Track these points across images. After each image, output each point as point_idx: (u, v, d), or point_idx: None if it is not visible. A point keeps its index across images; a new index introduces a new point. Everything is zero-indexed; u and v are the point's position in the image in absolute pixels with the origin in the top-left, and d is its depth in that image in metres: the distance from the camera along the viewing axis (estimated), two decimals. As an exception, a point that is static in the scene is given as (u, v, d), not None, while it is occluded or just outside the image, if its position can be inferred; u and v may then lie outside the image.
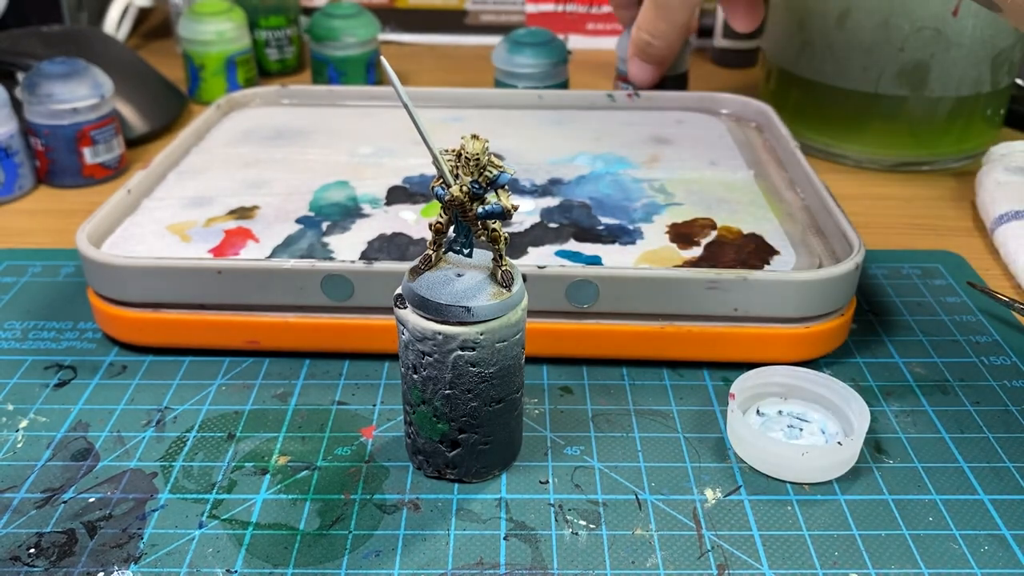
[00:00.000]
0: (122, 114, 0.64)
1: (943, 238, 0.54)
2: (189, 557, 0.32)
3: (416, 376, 0.33)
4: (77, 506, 0.34)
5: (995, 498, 0.34)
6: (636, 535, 0.33)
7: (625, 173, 0.51)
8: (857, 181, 0.61)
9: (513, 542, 0.32)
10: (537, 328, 0.40)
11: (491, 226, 0.31)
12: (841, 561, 0.32)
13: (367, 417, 0.39)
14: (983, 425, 0.38)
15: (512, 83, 0.66)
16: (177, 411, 0.39)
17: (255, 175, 0.51)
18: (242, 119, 0.59)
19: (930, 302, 0.47)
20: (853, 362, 0.42)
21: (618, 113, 0.60)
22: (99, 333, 0.44)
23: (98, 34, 0.71)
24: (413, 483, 0.35)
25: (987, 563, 0.32)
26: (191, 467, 0.36)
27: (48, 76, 0.56)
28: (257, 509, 0.34)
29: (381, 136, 0.56)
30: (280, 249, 0.43)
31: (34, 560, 0.32)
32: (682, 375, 0.41)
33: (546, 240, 0.44)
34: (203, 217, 0.46)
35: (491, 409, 0.34)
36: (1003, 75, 0.60)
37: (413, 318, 0.32)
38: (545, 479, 0.35)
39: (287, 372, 0.41)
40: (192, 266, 0.40)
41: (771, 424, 0.37)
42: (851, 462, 0.36)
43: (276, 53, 0.80)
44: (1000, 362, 0.42)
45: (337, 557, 0.32)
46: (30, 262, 0.50)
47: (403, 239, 0.44)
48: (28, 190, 0.59)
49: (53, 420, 0.38)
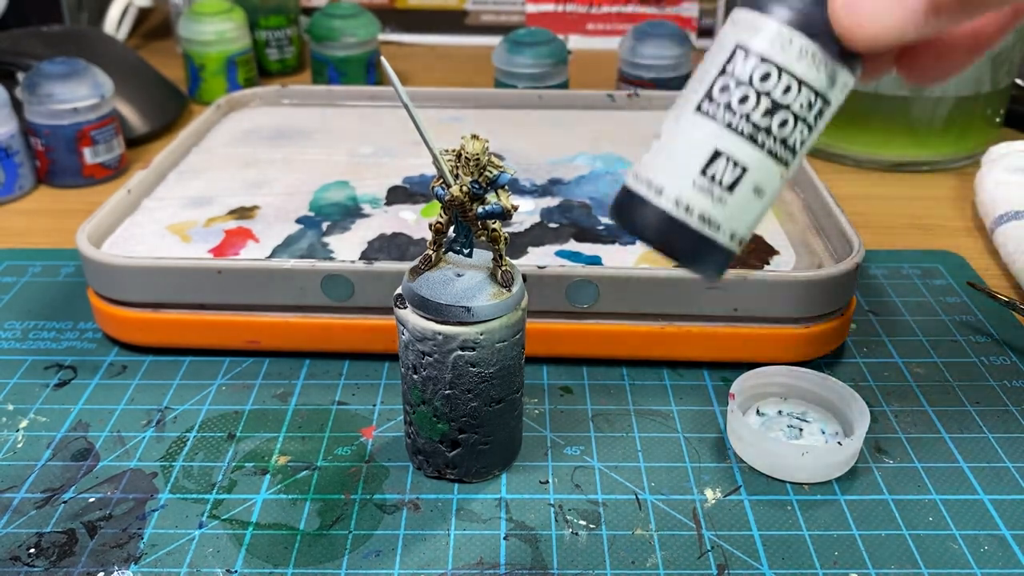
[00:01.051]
0: (122, 114, 0.64)
1: (943, 238, 0.54)
2: (189, 557, 0.32)
3: (416, 376, 0.33)
4: (77, 506, 0.34)
5: (995, 498, 0.34)
6: (636, 535, 0.33)
7: (625, 173, 0.51)
8: (857, 181, 0.61)
9: (513, 542, 0.32)
10: (537, 328, 0.40)
11: (491, 226, 0.31)
12: (841, 561, 0.32)
13: (367, 417, 0.39)
14: (983, 425, 0.38)
15: (512, 83, 0.66)
16: (177, 411, 0.39)
17: (255, 175, 0.51)
18: (242, 119, 0.59)
19: (930, 302, 0.47)
20: (853, 362, 0.42)
21: (618, 113, 0.60)
22: (99, 333, 0.44)
23: (98, 34, 0.71)
24: (413, 483, 0.35)
25: (987, 563, 0.32)
26: (191, 467, 0.36)
27: (48, 76, 0.56)
28: (257, 509, 0.34)
29: (381, 136, 0.56)
30: (280, 249, 0.43)
31: (34, 560, 0.32)
32: (682, 375, 0.41)
33: (546, 240, 0.44)
34: (203, 217, 0.46)
35: (491, 409, 0.34)
36: (1003, 75, 0.60)
37: (413, 318, 0.32)
38: (545, 479, 0.35)
39: (287, 372, 0.41)
40: (192, 266, 0.40)
41: (771, 424, 0.37)
42: (851, 462, 0.36)
43: (276, 53, 0.80)
44: (1000, 362, 0.42)
45: (337, 557, 0.32)
46: (30, 262, 0.50)
47: (403, 239, 0.44)
48: (28, 190, 0.59)
49: (53, 420, 0.38)
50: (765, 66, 0.23)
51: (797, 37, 0.23)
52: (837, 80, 0.24)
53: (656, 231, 0.24)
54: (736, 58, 0.24)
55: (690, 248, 0.24)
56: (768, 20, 0.23)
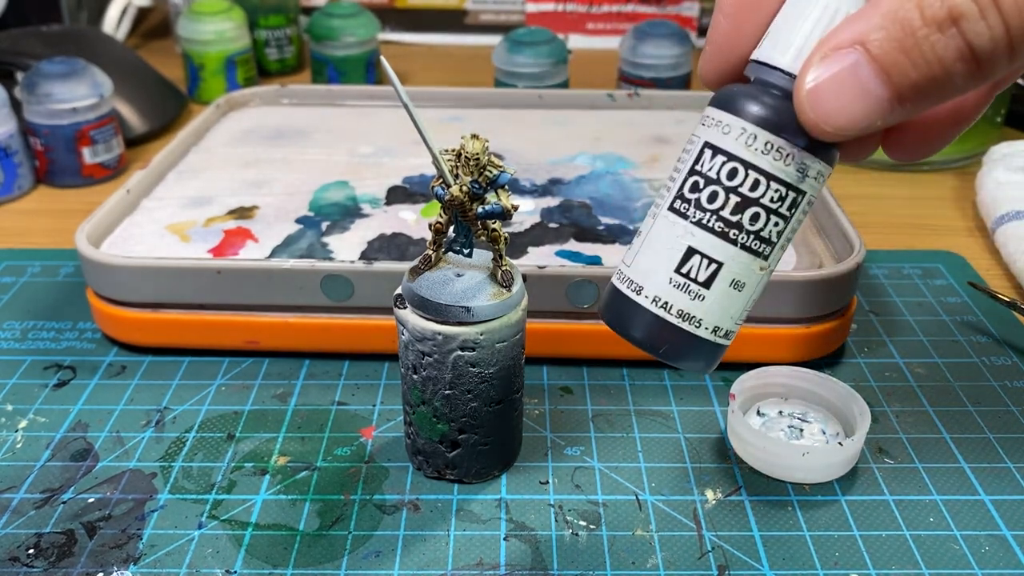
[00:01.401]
0: (121, 114, 0.64)
1: (943, 238, 0.54)
2: (189, 557, 0.32)
3: (416, 376, 0.33)
4: (76, 506, 0.34)
5: (995, 498, 0.34)
6: (636, 535, 0.33)
7: (625, 173, 0.51)
8: (857, 181, 0.61)
9: (513, 543, 0.32)
10: (537, 328, 0.40)
11: (491, 226, 0.31)
12: (842, 562, 0.32)
13: (367, 417, 0.39)
14: (983, 425, 0.38)
15: (512, 83, 0.66)
16: (176, 411, 0.39)
17: (255, 175, 0.51)
18: (242, 119, 0.59)
19: (930, 302, 0.47)
20: (853, 362, 0.42)
21: (618, 113, 0.60)
22: (98, 333, 0.44)
23: (98, 34, 0.71)
24: (413, 483, 0.35)
25: (987, 563, 0.32)
26: (191, 467, 0.36)
27: (47, 76, 0.56)
28: (257, 509, 0.34)
29: (381, 136, 0.56)
30: (280, 249, 0.43)
31: (33, 561, 0.32)
32: (682, 375, 0.41)
33: (546, 240, 0.44)
34: (202, 217, 0.46)
35: (491, 409, 0.33)
36: (1003, 75, 0.60)
37: (413, 318, 0.32)
38: (545, 479, 0.35)
39: (287, 372, 0.41)
40: (192, 266, 0.40)
41: (771, 424, 0.37)
42: (852, 462, 0.35)
43: (276, 53, 0.80)
44: (1000, 362, 0.42)
45: (337, 558, 0.32)
46: (30, 262, 0.50)
47: (403, 239, 0.44)
48: (27, 190, 0.59)
49: (52, 420, 0.38)
50: (732, 163, 0.24)
51: (761, 133, 0.24)
52: (808, 171, 0.24)
53: (640, 329, 0.25)
54: (704, 156, 0.24)
55: (673, 345, 0.25)
56: (732, 117, 0.24)
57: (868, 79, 0.22)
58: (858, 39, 0.22)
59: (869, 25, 0.22)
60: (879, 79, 0.22)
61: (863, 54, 0.22)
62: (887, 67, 0.22)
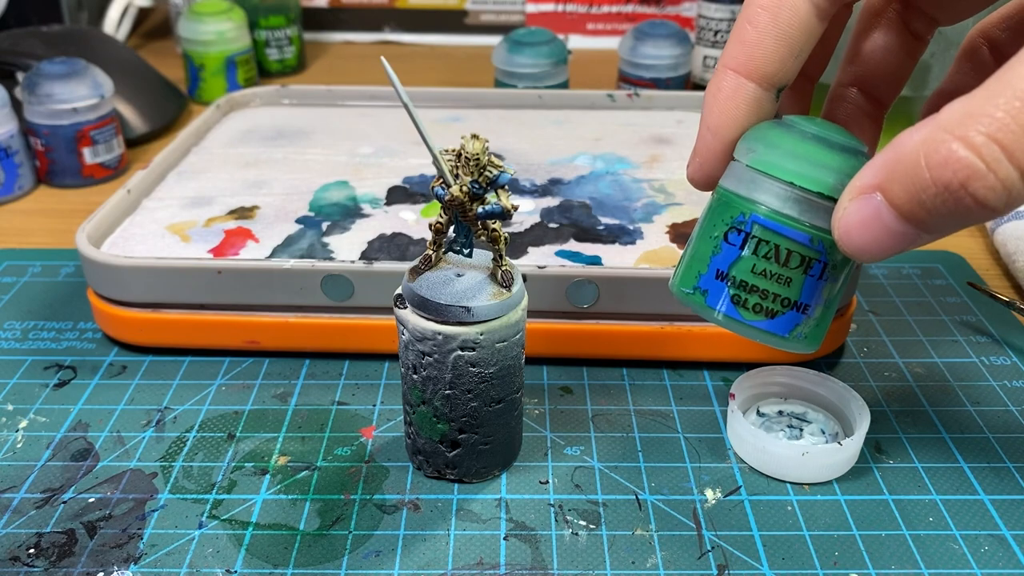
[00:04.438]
0: (122, 114, 0.64)
1: (943, 238, 0.54)
2: (189, 557, 0.32)
3: (416, 376, 0.33)
4: (77, 506, 0.34)
5: (995, 498, 0.34)
6: (636, 535, 0.33)
7: (625, 173, 0.51)
8: (857, 181, 0.61)
9: (513, 542, 0.32)
10: (537, 328, 0.40)
11: (491, 226, 0.31)
12: (841, 561, 0.32)
13: (367, 417, 0.39)
14: (983, 425, 0.38)
15: (512, 83, 0.66)
16: (177, 411, 0.39)
17: (255, 175, 0.51)
18: (242, 119, 0.59)
19: (930, 302, 0.47)
20: (853, 362, 0.42)
21: (618, 113, 0.60)
22: (99, 333, 0.44)
23: (98, 34, 0.71)
24: (413, 483, 0.35)
25: (987, 563, 0.32)
26: (191, 467, 0.36)
27: (48, 76, 0.56)
28: (257, 509, 0.34)
29: (381, 136, 0.56)
30: (280, 249, 0.43)
31: (34, 560, 0.32)
32: (682, 375, 0.41)
33: (546, 240, 0.44)
34: (203, 217, 0.46)
35: (491, 409, 0.34)
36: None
37: (413, 318, 0.32)
38: (545, 479, 0.35)
39: (287, 372, 0.41)
40: (192, 266, 0.40)
41: (771, 424, 0.37)
42: (851, 462, 0.35)
43: (276, 53, 0.80)
44: (1000, 362, 0.42)
45: (337, 557, 0.32)
46: (30, 262, 0.50)
47: (403, 239, 0.44)
48: (28, 190, 0.59)
49: (53, 420, 0.38)
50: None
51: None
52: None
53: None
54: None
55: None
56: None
57: (891, 221, 0.24)
58: (878, 186, 0.24)
59: (887, 174, 0.23)
60: (901, 221, 0.23)
61: (883, 201, 0.24)
62: (906, 214, 0.23)
